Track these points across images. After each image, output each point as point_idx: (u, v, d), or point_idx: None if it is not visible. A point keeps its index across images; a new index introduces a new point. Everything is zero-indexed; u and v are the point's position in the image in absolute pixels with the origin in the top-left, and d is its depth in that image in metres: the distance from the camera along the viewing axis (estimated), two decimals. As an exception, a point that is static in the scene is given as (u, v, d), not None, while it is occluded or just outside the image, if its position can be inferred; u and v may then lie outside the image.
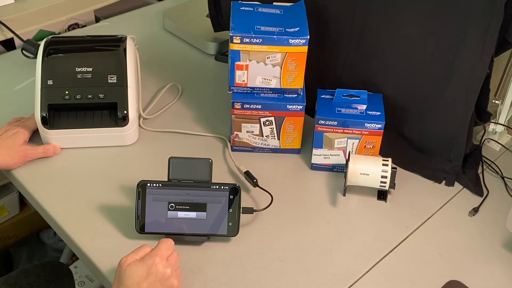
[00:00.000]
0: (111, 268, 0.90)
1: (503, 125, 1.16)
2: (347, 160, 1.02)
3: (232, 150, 1.14)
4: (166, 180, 0.95)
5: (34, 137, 1.11)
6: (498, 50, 0.99)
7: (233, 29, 1.01)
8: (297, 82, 1.06)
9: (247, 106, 1.07)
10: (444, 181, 1.10)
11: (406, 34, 1.04)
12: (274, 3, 1.09)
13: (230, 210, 0.94)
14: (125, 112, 1.08)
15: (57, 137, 1.09)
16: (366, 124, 1.04)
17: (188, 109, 1.25)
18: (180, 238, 0.94)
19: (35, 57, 1.24)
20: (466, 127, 1.05)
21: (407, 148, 1.13)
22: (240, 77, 1.05)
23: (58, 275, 1.19)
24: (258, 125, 1.10)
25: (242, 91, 1.07)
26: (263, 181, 1.04)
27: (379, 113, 1.05)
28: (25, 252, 1.62)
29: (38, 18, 1.40)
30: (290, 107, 1.07)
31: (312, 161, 1.10)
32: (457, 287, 0.91)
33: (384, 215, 1.03)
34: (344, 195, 1.05)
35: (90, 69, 1.08)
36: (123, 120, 1.08)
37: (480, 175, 1.11)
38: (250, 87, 1.07)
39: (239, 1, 1.09)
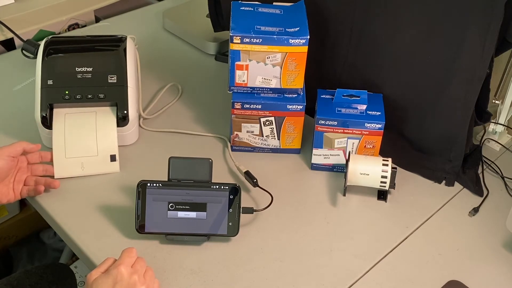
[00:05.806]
0: (111, 268, 0.90)
1: (503, 125, 1.16)
2: (347, 160, 1.02)
3: (232, 150, 1.14)
4: (166, 180, 0.95)
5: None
6: (498, 50, 0.99)
7: (233, 29, 1.01)
8: (297, 82, 1.06)
9: (247, 106, 1.07)
10: (444, 181, 1.10)
11: (406, 34, 1.04)
12: (274, 3, 1.09)
13: (230, 210, 0.94)
14: (125, 112, 1.08)
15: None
16: (366, 124, 1.04)
17: (188, 109, 1.24)
18: (180, 238, 0.94)
19: (35, 57, 1.24)
20: (466, 127, 1.05)
21: (407, 148, 1.13)
22: (240, 77, 1.05)
23: (61, 277, 1.19)
24: (258, 125, 1.10)
25: (242, 91, 1.07)
26: (263, 181, 1.04)
27: (379, 113, 1.05)
28: (25, 252, 1.62)
29: (38, 18, 1.40)
30: (290, 107, 1.07)
31: (312, 161, 1.10)
32: (457, 287, 0.91)
33: (384, 215, 1.03)
34: (344, 195, 1.05)
35: (90, 69, 1.08)
36: (123, 120, 1.08)
37: (480, 175, 1.11)
38: (250, 87, 1.07)
39: (239, 1, 1.09)
